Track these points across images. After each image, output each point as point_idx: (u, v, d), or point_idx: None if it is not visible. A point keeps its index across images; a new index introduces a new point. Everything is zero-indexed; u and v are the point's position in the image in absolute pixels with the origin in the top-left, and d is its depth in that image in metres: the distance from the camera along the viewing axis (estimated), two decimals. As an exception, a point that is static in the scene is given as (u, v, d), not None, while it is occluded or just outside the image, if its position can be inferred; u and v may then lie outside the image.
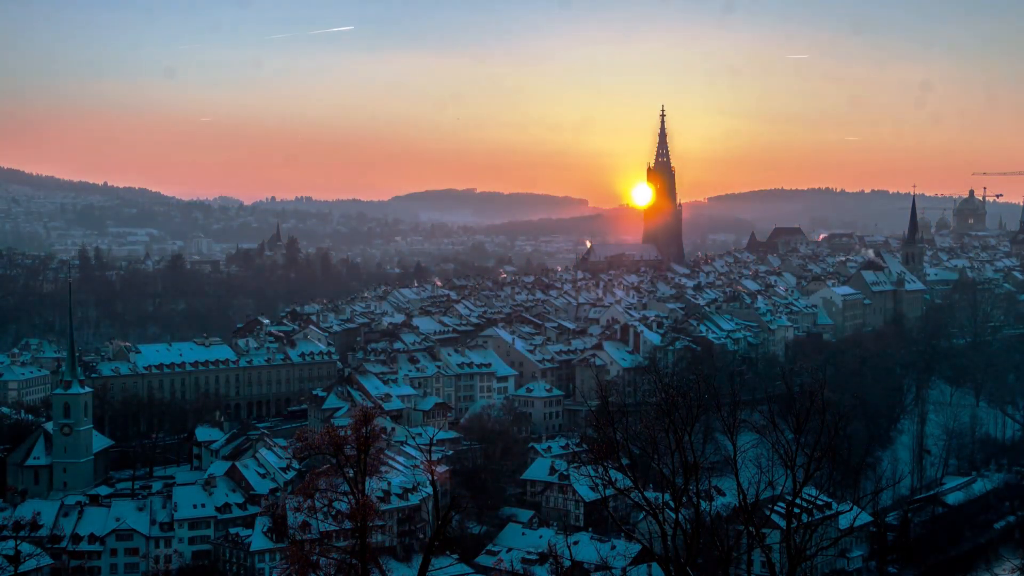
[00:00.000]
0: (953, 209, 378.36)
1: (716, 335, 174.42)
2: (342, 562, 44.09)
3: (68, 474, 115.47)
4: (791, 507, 38.05)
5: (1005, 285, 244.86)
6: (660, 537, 36.80)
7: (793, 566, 35.31)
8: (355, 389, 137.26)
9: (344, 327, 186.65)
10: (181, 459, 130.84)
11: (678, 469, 36.55)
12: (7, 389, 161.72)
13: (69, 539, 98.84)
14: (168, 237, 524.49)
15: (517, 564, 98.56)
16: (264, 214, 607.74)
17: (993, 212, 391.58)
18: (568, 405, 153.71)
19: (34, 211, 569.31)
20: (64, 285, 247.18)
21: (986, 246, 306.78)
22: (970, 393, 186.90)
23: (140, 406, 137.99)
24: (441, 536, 76.02)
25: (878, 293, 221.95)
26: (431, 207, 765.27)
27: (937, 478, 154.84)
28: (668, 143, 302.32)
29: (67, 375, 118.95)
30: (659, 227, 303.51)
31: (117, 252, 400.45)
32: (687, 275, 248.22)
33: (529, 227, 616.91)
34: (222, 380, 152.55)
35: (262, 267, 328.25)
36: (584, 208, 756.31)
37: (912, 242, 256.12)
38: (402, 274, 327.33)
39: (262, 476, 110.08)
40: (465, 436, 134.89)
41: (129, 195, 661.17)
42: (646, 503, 37.63)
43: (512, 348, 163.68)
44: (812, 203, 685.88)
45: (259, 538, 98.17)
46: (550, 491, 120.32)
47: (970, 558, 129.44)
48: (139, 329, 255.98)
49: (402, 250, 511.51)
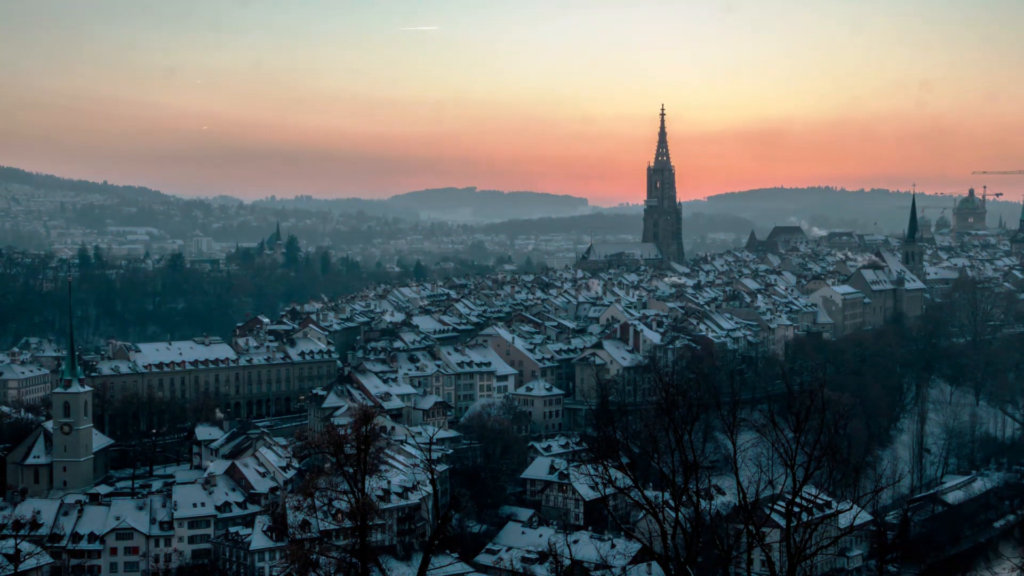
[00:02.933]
0: (953, 208, 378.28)
1: (716, 334, 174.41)
2: (342, 561, 44.15)
3: (68, 473, 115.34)
4: (791, 506, 38.06)
5: (1005, 284, 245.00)
6: (660, 536, 36.81)
7: (793, 565, 35.32)
8: (355, 388, 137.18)
9: (344, 326, 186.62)
10: (181, 458, 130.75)
11: (678, 468, 36.58)
12: (7, 388, 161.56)
13: (69, 538, 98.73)
14: (168, 236, 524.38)
15: (517, 563, 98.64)
16: (264, 213, 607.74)
17: (993, 211, 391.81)
18: (568, 404, 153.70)
19: (34, 210, 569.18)
20: (64, 284, 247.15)
21: (986, 245, 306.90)
22: (970, 392, 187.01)
23: (140, 405, 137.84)
24: (441, 535, 76.12)
25: (878, 292, 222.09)
26: (431, 206, 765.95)
27: (937, 477, 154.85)
28: (668, 142, 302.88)
29: (67, 374, 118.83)
30: (659, 226, 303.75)
31: (117, 251, 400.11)
32: (687, 274, 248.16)
33: (529, 226, 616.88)
34: (222, 379, 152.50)
35: (262, 266, 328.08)
36: (584, 207, 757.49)
37: (912, 241, 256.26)
38: (402, 273, 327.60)
39: (262, 475, 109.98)
40: (465, 435, 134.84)
41: (129, 194, 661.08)
42: (646, 502, 37.65)
43: (512, 347, 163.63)
44: (812, 202, 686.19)
45: (259, 537, 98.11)
46: (550, 490, 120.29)
47: (970, 557, 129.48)
48: (139, 328, 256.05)
49: (402, 249, 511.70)
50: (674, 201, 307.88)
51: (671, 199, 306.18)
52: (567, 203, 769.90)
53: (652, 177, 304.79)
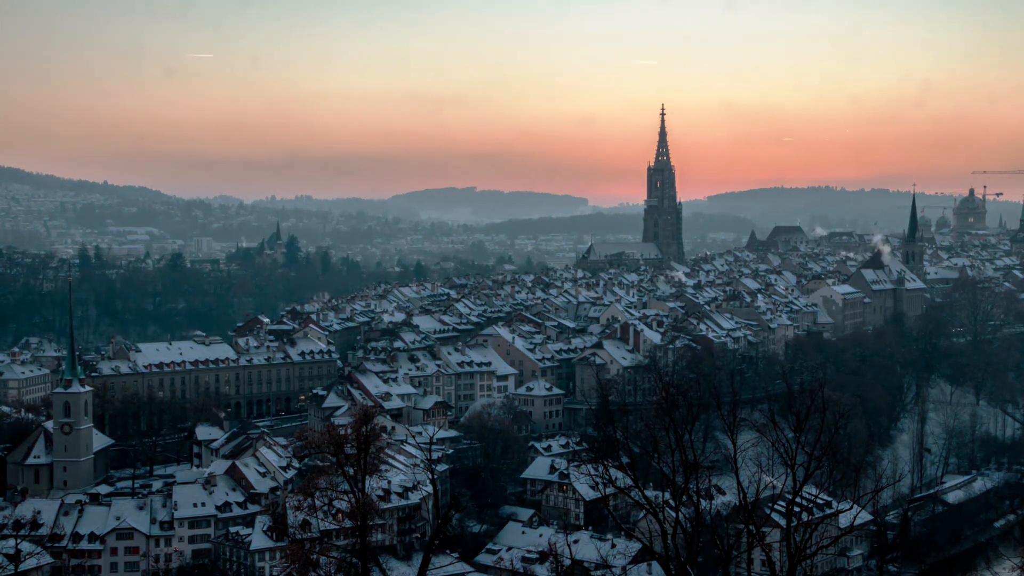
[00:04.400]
0: (953, 208, 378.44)
1: (716, 334, 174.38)
2: (342, 561, 44.14)
3: (68, 473, 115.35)
4: (791, 506, 38.06)
5: (1005, 284, 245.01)
6: (660, 536, 36.82)
7: (793, 565, 35.33)
8: (355, 388, 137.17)
9: (344, 326, 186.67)
10: (181, 458, 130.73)
11: (678, 468, 36.57)
12: (7, 388, 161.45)
13: (69, 538, 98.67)
14: (168, 236, 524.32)
15: (517, 563, 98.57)
16: (264, 213, 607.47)
17: (993, 211, 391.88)
18: (568, 404, 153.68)
19: (34, 210, 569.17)
20: (64, 284, 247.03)
21: (986, 245, 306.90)
22: (970, 392, 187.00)
23: (140, 405, 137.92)
24: (441, 535, 76.10)
25: (878, 292, 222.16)
26: (431, 206, 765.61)
27: (937, 477, 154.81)
28: (668, 142, 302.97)
29: (67, 374, 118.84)
30: (659, 226, 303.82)
31: (117, 251, 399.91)
32: (687, 273, 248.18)
33: (529, 226, 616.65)
34: (222, 379, 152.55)
35: (262, 266, 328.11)
36: (584, 207, 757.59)
37: (912, 241, 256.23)
38: (402, 273, 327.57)
39: (262, 475, 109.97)
40: (465, 435, 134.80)
41: (129, 194, 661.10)
42: (646, 502, 37.66)
43: (512, 347, 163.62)
44: (812, 201, 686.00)
45: (259, 537, 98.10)
46: (550, 490, 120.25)
47: (970, 557, 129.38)
48: (139, 328, 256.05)
49: (402, 249, 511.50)
50: (674, 201, 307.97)
51: (671, 199, 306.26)
52: (567, 203, 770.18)
53: (652, 177, 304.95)
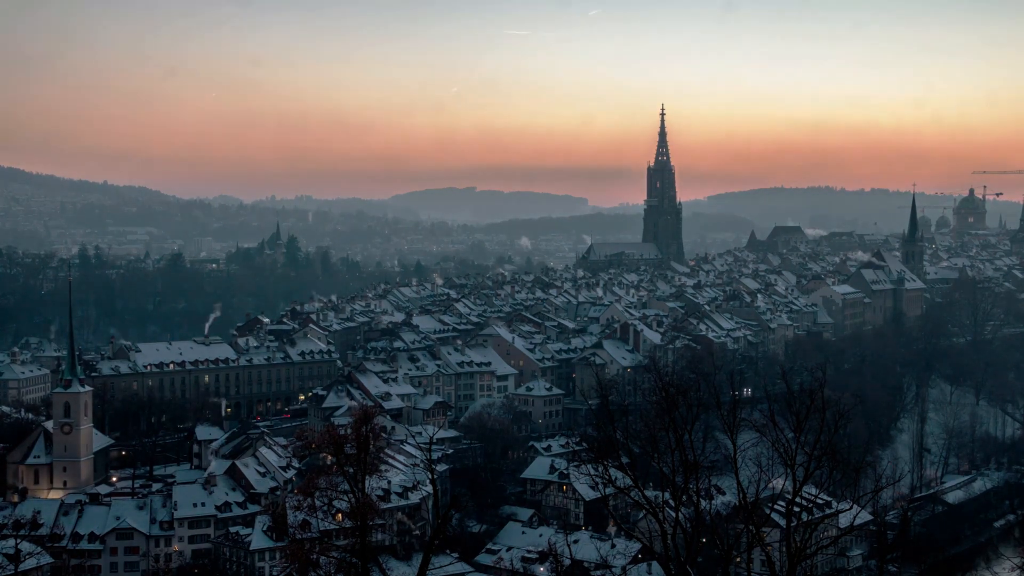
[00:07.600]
0: (953, 208, 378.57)
1: (716, 334, 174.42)
2: (342, 561, 44.09)
3: (68, 473, 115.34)
4: (791, 506, 38.03)
5: (1005, 284, 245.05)
6: (660, 536, 36.80)
7: (793, 565, 35.29)
8: (355, 388, 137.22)
9: (344, 326, 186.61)
10: (181, 458, 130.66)
11: (678, 468, 36.54)
12: (7, 388, 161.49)
13: (69, 538, 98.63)
14: (168, 236, 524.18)
15: (517, 563, 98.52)
16: (264, 213, 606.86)
17: (993, 211, 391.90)
18: (568, 404, 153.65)
19: (34, 210, 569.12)
20: (64, 284, 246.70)
21: (986, 245, 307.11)
22: (970, 392, 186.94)
23: (140, 405, 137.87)
24: (441, 535, 76.07)
25: (878, 292, 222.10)
26: (431, 206, 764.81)
27: (937, 477, 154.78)
28: (668, 142, 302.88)
29: (67, 374, 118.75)
30: (659, 226, 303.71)
31: (117, 251, 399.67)
32: (687, 274, 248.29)
33: (529, 226, 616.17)
34: (222, 379, 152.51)
35: (262, 266, 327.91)
36: (584, 207, 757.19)
37: (912, 240, 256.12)
38: (402, 273, 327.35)
39: (262, 475, 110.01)
40: (465, 435, 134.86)
41: (129, 194, 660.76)
42: (646, 502, 37.63)
43: (512, 347, 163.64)
44: (812, 201, 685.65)
45: (259, 537, 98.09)
46: (550, 490, 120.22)
47: (970, 557, 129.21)
48: (139, 328, 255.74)
49: (402, 249, 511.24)
50: (674, 201, 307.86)
51: (671, 199, 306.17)
52: (567, 203, 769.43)
53: (652, 177, 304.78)
